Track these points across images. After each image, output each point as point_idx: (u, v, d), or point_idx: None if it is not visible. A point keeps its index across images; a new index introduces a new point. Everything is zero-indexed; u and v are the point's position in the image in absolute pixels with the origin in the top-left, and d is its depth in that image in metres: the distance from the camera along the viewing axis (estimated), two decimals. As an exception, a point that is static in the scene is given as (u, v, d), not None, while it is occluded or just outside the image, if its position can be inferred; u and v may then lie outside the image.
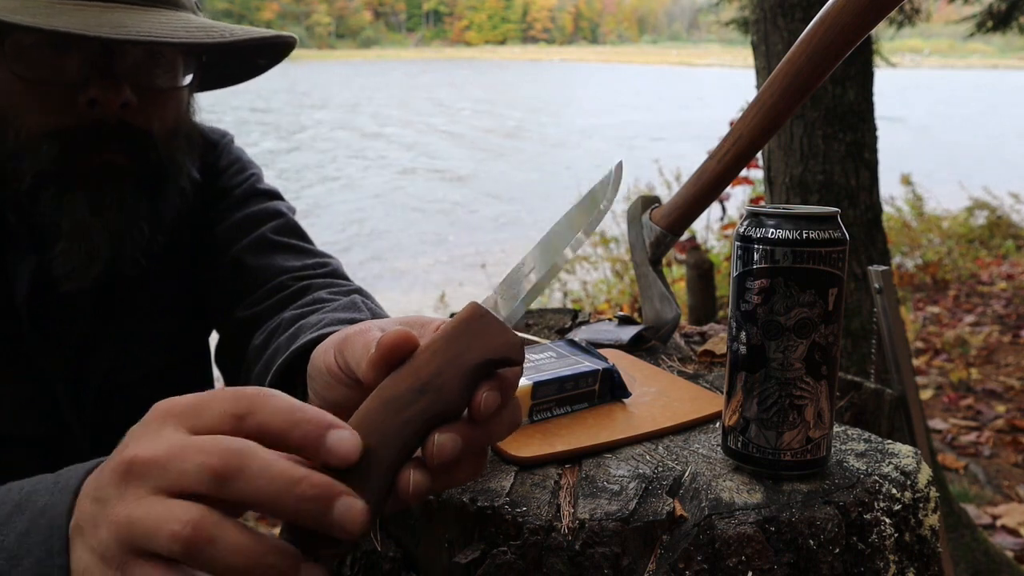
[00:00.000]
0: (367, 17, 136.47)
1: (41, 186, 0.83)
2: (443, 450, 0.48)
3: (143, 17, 0.82)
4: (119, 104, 0.83)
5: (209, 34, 0.85)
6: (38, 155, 0.82)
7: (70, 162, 0.83)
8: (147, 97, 0.87)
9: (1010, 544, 2.35)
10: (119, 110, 0.83)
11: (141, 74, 0.86)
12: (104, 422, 0.95)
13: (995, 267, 5.90)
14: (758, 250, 0.61)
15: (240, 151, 1.09)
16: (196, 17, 0.89)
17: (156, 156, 0.88)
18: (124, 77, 0.84)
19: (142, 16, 0.82)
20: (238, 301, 0.95)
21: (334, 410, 0.58)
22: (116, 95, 0.83)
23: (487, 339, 0.49)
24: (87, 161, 0.84)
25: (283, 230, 1.01)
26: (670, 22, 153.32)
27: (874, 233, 2.39)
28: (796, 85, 0.81)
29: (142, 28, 0.80)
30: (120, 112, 0.84)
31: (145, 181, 0.88)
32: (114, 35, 0.77)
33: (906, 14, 4.83)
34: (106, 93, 0.82)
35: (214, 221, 1.01)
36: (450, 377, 0.48)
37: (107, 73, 0.83)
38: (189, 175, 0.95)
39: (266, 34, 0.92)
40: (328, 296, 0.90)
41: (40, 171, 0.82)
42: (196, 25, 0.85)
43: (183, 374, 1.04)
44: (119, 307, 0.96)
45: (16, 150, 0.83)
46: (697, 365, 0.92)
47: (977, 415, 3.36)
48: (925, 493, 0.63)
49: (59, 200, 0.83)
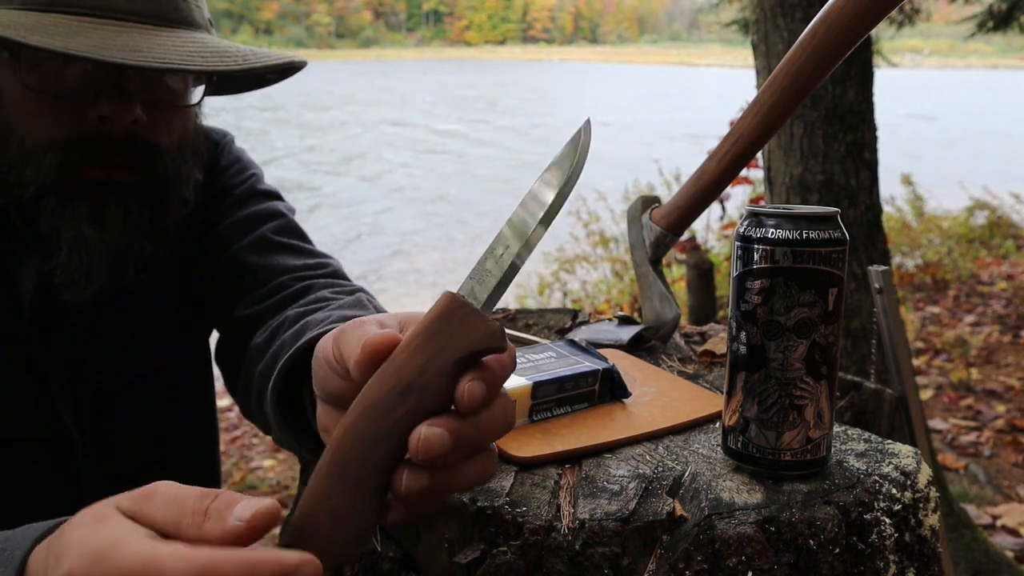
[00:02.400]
0: (367, 17, 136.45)
1: (43, 195, 0.83)
2: (429, 443, 0.46)
3: (158, 40, 0.82)
4: (129, 121, 0.83)
5: (223, 59, 0.85)
6: (42, 165, 0.82)
7: (73, 173, 0.83)
8: (156, 113, 0.87)
9: (1010, 544, 2.35)
10: (129, 126, 0.84)
11: (153, 90, 0.86)
12: (104, 421, 0.95)
13: (995, 267, 5.90)
14: (758, 250, 0.61)
15: (240, 151, 1.09)
16: (210, 38, 0.89)
17: (163, 170, 0.88)
18: (136, 95, 0.84)
19: (157, 39, 0.82)
20: (239, 300, 0.95)
21: (334, 402, 0.58)
22: (127, 112, 0.83)
23: (466, 331, 0.47)
24: (91, 174, 0.84)
25: (283, 230, 1.01)
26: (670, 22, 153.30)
27: (874, 233, 2.39)
28: (796, 85, 0.81)
29: (157, 53, 0.79)
30: (131, 128, 0.84)
31: (149, 196, 0.88)
32: (129, 61, 0.77)
33: (906, 14, 4.83)
34: (117, 110, 0.82)
35: (214, 221, 1.01)
36: (433, 375, 0.47)
37: (119, 91, 0.83)
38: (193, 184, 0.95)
39: (279, 60, 0.92)
40: (331, 295, 0.90)
41: (43, 182, 0.82)
42: (211, 49, 0.85)
43: (183, 374, 1.04)
44: (119, 308, 0.96)
45: (20, 159, 0.83)
46: (697, 365, 0.92)
47: (977, 415, 3.36)
48: (925, 493, 0.63)
49: (60, 210, 0.83)
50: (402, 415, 0.47)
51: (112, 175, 0.85)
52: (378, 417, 0.47)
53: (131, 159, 0.86)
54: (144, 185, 0.87)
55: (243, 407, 0.95)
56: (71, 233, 0.84)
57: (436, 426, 0.46)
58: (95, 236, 0.84)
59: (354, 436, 0.47)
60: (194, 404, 1.08)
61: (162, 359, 1.00)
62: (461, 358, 0.47)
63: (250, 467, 3.23)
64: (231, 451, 3.41)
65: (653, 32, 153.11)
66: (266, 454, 3.36)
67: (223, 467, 3.22)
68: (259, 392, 0.84)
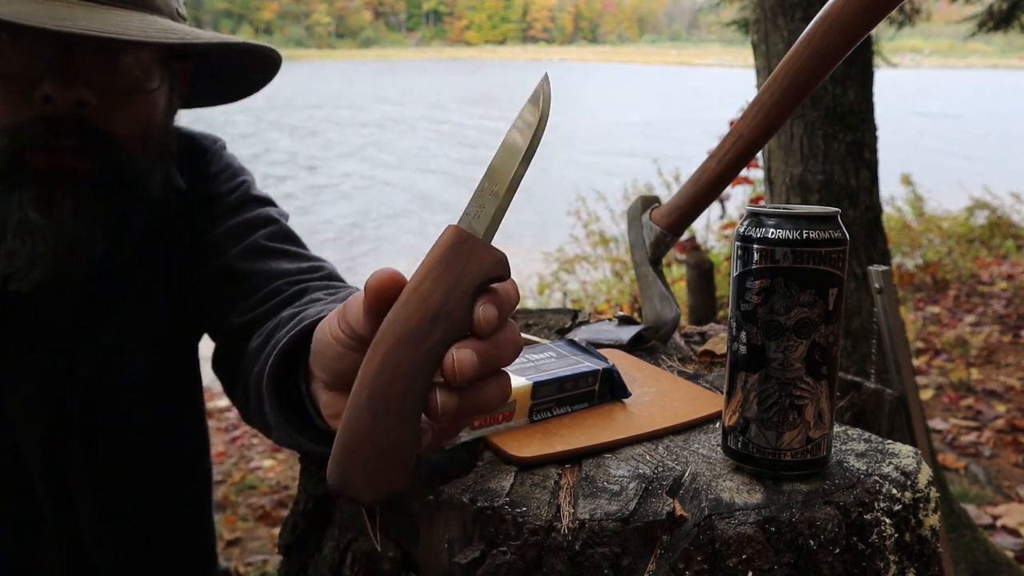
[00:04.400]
0: (367, 17, 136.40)
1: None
2: (462, 365, 0.49)
3: (104, 16, 0.80)
4: (74, 101, 0.81)
5: (167, 35, 0.82)
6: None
7: (20, 160, 0.81)
8: (109, 99, 0.84)
9: (1010, 544, 2.34)
10: (75, 107, 0.81)
11: (102, 74, 0.84)
12: (93, 428, 0.94)
13: (995, 267, 5.90)
14: (758, 250, 0.61)
15: (231, 157, 1.07)
16: (167, 22, 0.87)
17: (117, 161, 0.85)
18: (82, 75, 0.82)
19: (103, 15, 0.80)
20: (233, 307, 0.94)
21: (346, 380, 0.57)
22: (71, 92, 0.80)
23: (478, 260, 0.50)
24: (37, 161, 0.82)
25: (276, 236, 0.99)
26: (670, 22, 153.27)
27: (874, 233, 2.39)
28: (796, 85, 0.81)
29: (94, 24, 0.77)
30: (76, 110, 0.81)
31: (105, 187, 0.86)
32: (62, 27, 0.74)
33: (906, 14, 4.82)
34: (61, 90, 0.80)
35: (205, 228, 0.99)
36: (456, 302, 0.49)
37: (63, 69, 0.81)
38: (165, 184, 0.93)
39: (232, 40, 0.90)
40: (326, 296, 0.89)
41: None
42: (159, 28, 0.83)
43: (170, 381, 1.03)
44: (102, 312, 0.94)
45: None
46: (697, 365, 0.92)
47: (977, 415, 3.36)
48: (925, 493, 0.63)
49: (6, 196, 0.81)
50: (435, 341, 0.49)
51: (60, 162, 0.83)
52: (414, 346, 0.49)
53: (78, 144, 0.83)
54: (97, 176, 0.85)
55: (243, 412, 0.94)
56: (16, 218, 0.81)
57: (465, 348, 0.49)
58: (41, 222, 0.82)
59: (393, 367, 0.48)
60: (183, 411, 1.07)
61: (149, 366, 0.99)
62: (477, 285, 0.50)
63: (250, 467, 3.23)
64: (231, 451, 3.41)
65: (653, 32, 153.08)
66: (266, 454, 3.36)
67: (223, 467, 3.23)
68: (258, 394, 0.83)
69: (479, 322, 0.50)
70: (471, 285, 0.50)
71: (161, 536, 1.05)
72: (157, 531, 1.04)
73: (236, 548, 2.58)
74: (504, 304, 0.51)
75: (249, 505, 2.87)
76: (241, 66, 0.99)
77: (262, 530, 2.70)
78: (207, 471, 1.12)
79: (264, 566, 2.44)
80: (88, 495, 0.95)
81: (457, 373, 0.49)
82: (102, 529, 0.97)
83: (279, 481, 3.09)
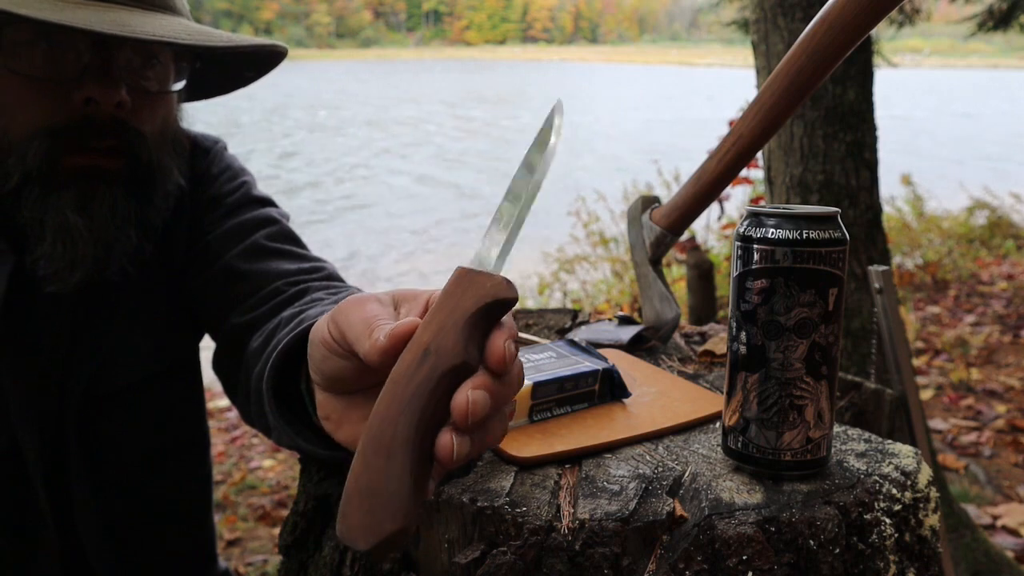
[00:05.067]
0: (367, 17, 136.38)
1: (26, 185, 0.82)
2: (476, 406, 0.47)
3: (144, 19, 0.82)
4: (115, 103, 0.83)
5: (210, 38, 0.85)
6: (26, 154, 0.81)
7: (59, 160, 0.82)
8: (140, 99, 0.86)
9: (1010, 544, 2.34)
10: (114, 109, 0.83)
11: (136, 75, 0.86)
12: (92, 430, 0.94)
13: (995, 267, 5.90)
14: (758, 250, 0.61)
15: (232, 158, 1.08)
16: (189, 23, 0.89)
17: (147, 158, 0.87)
18: (121, 77, 0.84)
19: (143, 18, 0.82)
20: (233, 308, 0.94)
21: (332, 386, 0.57)
22: (113, 94, 0.82)
23: (476, 289, 0.50)
24: (76, 161, 0.83)
25: (277, 236, 1.00)
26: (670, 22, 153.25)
27: (874, 233, 2.39)
28: (796, 85, 0.81)
29: (145, 28, 0.80)
30: (116, 111, 0.83)
31: (135, 185, 0.87)
32: (120, 32, 0.77)
33: (906, 14, 4.82)
34: (103, 92, 0.82)
35: (206, 229, 1.00)
36: (448, 331, 0.49)
37: (105, 72, 0.82)
38: (176, 180, 0.94)
39: (263, 41, 0.93)
40: (327, 296, 0.89)
41: (27, 171, 0.81)
42: (195, 30, 0.85)
43: (170, 382, 1.03)
44: (102, 313, 0.95)
45: (3, 149, 0.82)
46: (697, 365, 0.92)
47: (977, 415, 3.36)
48: (925, 493, 0.63)
49: (44, 199, 0.82)
50: (423, 375, 0.48)
51: (97, 161, 0.84)
52: (403, 385, 0.48)
53: (116, 144, 0.85)
54: (130, 173, 0.87)
55: (244, 413, 0.94)
56: (56, 221, 0.82)
57: (476, 388, 0.48)
58: (81, 224, 0.83)
59: (383, 409, 0.48)
60: (184, 412, 1.07)
61: (149, 367, 0.99)
62: (474, 312, 0.49)
63: (250, 467, 3.22)
64: (231, 451, 3.41)
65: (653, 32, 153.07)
66: (266, 454, 3.36)
67: (223, 467, 3.22)
68: (258, 394, 0.83)
69: (498, 359, 0.49)
70: (465, 313, 0.49)
71: (161, 536, 1.05)
72: (157, 531, 1.04)
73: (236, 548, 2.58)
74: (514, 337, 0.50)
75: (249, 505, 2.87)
76: (244, 63, 1.00)
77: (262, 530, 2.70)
78: (207, 471, 1.12)
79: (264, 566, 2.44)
80: (88, 495, 0.95)
81: (471, 415, 0.47)
82: (101, 530, 0.97)
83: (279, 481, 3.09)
